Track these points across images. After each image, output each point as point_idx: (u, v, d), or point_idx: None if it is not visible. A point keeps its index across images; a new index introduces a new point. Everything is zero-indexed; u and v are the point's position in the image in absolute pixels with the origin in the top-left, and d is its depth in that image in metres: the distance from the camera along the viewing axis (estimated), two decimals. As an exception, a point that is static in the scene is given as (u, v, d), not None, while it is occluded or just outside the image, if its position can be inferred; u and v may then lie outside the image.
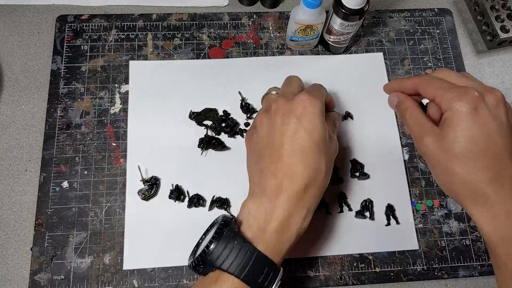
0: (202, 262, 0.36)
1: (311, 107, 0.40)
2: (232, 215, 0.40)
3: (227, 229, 0.36)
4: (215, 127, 0.52)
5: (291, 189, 0.38)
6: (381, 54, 0.58)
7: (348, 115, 0.54)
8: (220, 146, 0.50)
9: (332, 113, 0.47)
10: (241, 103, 0.53)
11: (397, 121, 0.54)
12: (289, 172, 0.38)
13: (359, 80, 0.56)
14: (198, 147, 0.50)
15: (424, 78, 0.41)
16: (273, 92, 0.47)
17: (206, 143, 0.50)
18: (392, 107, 0.45)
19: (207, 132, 0.52)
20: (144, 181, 0.48)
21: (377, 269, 0.48)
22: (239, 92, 0.54)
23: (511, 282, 0.36)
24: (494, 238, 0.36)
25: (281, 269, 0.37)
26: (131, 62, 0.55)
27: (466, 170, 0.36)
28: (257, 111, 0.53)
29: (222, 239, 0.36)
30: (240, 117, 0.53)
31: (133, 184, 0.49)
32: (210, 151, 0.51)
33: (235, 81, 0.55)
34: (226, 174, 0.50)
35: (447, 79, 0.40)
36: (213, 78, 0.55)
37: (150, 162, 0.50)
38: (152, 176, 0.49)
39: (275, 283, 0.36)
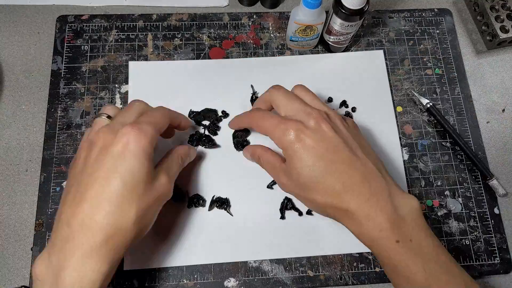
0: None
1: (134, 144, 0.35)
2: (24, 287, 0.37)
3: None
4: (211, 127, 0.52)
5: (86, 244, 0.33)
6: (381, 52, 0.58)
7: (347, 114, 0.54)
8: (210, 143, 0.51)
9: (178, 149, 0.43)
10: (252, 97, 0.53)
11: (396, 121, 0.55)
12: (86, 221, 0.33)
13: (359, 79, 0.56)
14: (188, 143, 0.51)
15: (253, 116, 0.43)
16: (104, 116, 0.40)
17: (196, 140, 0.51)
18: (249, 159, 0.48)
19: (204, 132, 0.52)
20: None
21: (377, 269, 0.48)
22: (252, 86, 0.54)
23: (393, 275, 0.38)
24: (365, 242, 0.39)
25: None
26: (131, 63, 0.55)
27: (319, 194, 0.38)
28: None
29: None
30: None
31: None
32: (211, 151, 0.51)
33: (235, 81, 0.55)
34: (226, 174, 0.50)
35: (276, 104, 0.42)
36: (213, 79, 0.55)
37: None
38: None
39: None
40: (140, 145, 0.35)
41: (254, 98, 0.53)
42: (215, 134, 0.52)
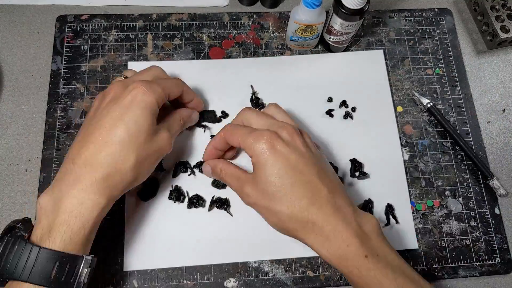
0: None
1: (141, 97, 0.39)
2: (26, 218, 0.38)
3: (8, 236, 0.35)
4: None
5: (87, 178, 0.37)
6: (381, 51, 0.58)
7: (348, 115, 0.54)
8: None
9: (181, 111, 0.47)
10: (251, 97, 0.53)
11: (397, 121, 0.54)
12: (89, 159, 0.37)
13: (359, 78, 0.56)
14: None
15: (227, 129, 0.43)
16: (122, 77, 0.45)
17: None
18: (212, 177, 0.47)
19: (204, 130, 0.52)
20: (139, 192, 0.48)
21: (377, 269, 0.48)
22: (251, 86, 0.54)
23: None
24: (333, 260, 0.38)
25: (84, 256, 0.36)
26: (130, 63, 0.54)
27: (285, 205, 0.38)
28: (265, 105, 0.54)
29: (2, 247, 0.34)
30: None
31: (130, 201, 0.48)
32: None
33: (235, 81, 0.55)
34: None
35: (249, 121, 0.43)
36: (212, 79, 0.54)
37: None
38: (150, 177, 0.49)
39: (78, 272, 0.35)
40: (147, 100, 0.39)
41: (253, 98, 0.53)
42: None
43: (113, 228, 0.47)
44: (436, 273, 0.48)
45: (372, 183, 0.51)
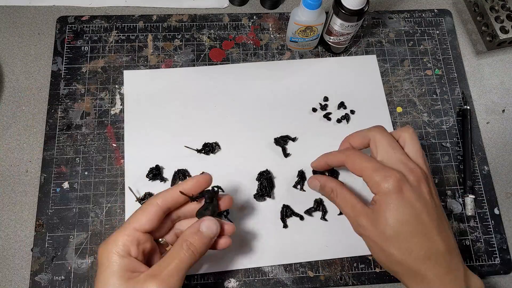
0: None
1: (99, 256, 0.36)
2: None
3: None
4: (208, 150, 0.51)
5: None
6: (374, 56, 0.58)
7: (344, 118, 0.54)
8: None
9: (185, 234, 0.38)
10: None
11: (396, 122, 0.55)
12: None
13: (354, 83, 0.56)
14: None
15: (351, 155, 0.41)
16: None
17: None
18: (315, 190, 0.45)
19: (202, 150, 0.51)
20: (140, 200, 0.48)
21: (377, 269, 0.48)
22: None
23: None
24: None
25: None
26: (125, 72, 0.54)
27: (400, 250, 0.37)
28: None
29: None
30: (238, 119, 0.53)
31: (130, 202, 0.49)
32: (206, 159, 0.51)
33: (232, 86, 0.55)
34: (224, 181, 0.50)
35: (376, 145, 0.41)
36: (208, 84, 0.54)
37: (147, 170, 0.50)
38: (146, 193, 0.48)
39: None
40: (101, 257, 0.36)
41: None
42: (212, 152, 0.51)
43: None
44: (436, 273, 0.48)
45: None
